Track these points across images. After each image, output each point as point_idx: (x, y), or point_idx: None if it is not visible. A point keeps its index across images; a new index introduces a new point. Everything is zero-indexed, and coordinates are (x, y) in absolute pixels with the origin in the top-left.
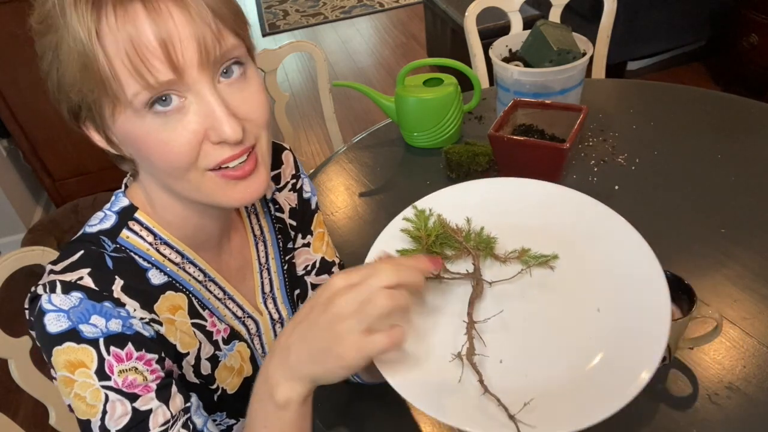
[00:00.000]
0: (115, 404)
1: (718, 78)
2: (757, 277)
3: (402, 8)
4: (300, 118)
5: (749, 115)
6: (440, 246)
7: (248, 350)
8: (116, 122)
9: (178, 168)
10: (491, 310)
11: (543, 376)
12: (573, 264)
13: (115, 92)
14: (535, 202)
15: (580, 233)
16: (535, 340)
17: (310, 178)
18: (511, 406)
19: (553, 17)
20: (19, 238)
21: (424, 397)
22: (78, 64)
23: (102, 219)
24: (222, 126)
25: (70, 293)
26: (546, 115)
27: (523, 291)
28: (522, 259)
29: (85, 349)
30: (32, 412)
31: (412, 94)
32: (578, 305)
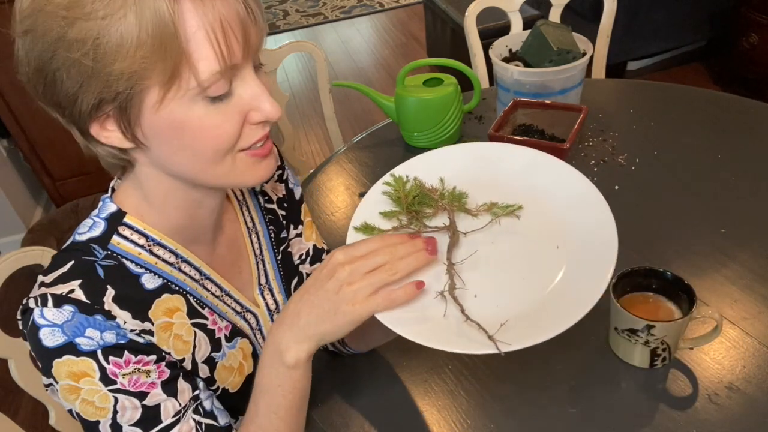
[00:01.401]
0: (125, 404)
1: (718, 78)
2: (757, 277)
3: (402, 8)
4: (300, 118)
5: (749, 115)
6: (418, 205)
7: (250, 346)
8: (160, 111)
9: (221, 150)
10: (466, 254)
11: (513, 303)
12: (535, 213)
13: (179, 75)
14: (501, 164)
15: (540, 187)
16: (504, 275)
17: (310, 178)
18: (488, 329)
19: (553, 17)
20: (19, 238)
21: (413, 329)
22: (148, 42)
23: (91, 226)
24: (266, 105)
25: (61, 307)
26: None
27: (493, 237)
28: (491, 211)
29: (84, 360)
30: (32, 412)
31: (412, 94)
32: (540, 245)
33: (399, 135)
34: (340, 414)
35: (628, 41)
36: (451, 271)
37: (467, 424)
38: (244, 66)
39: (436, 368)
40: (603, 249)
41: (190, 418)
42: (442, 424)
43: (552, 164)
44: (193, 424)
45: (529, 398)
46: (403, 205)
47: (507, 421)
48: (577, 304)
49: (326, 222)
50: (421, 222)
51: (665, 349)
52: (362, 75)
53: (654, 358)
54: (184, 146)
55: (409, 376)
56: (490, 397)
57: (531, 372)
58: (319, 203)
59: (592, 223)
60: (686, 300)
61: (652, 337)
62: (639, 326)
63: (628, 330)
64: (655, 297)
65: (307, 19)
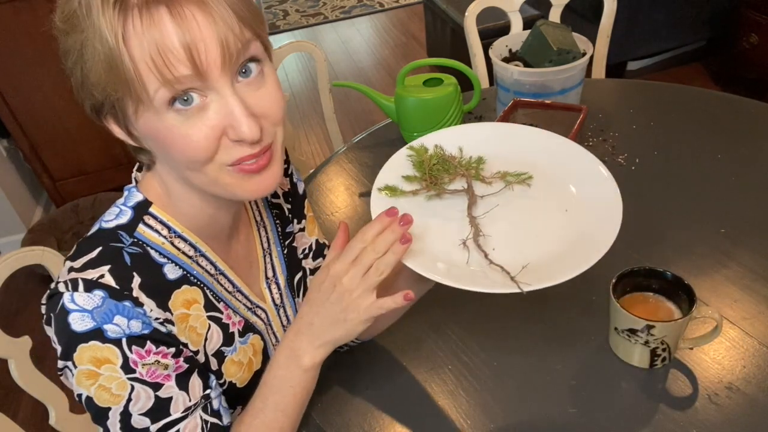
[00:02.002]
0: (140, 393)
1: (718, 78)
2: (757, 277)
3: (402, 8)
4: (300, 118)
5: (749, 115)
6: (438, 171)
7: (261, 342)
8: (138, 120)
9: (196, 161)
10: (483, 210)
11: (529, 253)
12: (545, 183)
13: (138, 93)
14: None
15: (550, 160)
16: (519, 231)
17: (310, 178)
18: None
19: (553, 17)
20: (19, 238)
21: (441, 274)
22: (103, 65)
23: (118, 214)
24: (241, 126)
25: (92, 291)
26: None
27: (507, 201)
28: (504, 179)
29: (109, 347)
30: (32, 412)
31: (412, 94)
32: (550, 208)
33: (399, 135)
34: (340, 414)
35: (628, 41)
36: (474, 223)
37: (467, 424)
38: (219, 80)
39: (436, 368)
40: (609, 210)
41: (198, 415)
42: (442, 424)
43: (563, 142)
44: (200, 422)
45: (529, 398)
46: (424, 170)
47: (507, 421)
48: (590, 252)
49: (326, 222)
50: (440, 186)
51: (665, 349)
52: (362, 75)
53: (654, 358)
54: (163, 152)
55: (409, 376)
56: (490, 397)
57: (531, 372)
58: (319, 203)
59: (597, 191)
60: (686, 300)
61: (652, 337)
62: (639, 326)
63: (628, 330)
64: (655, 297)
65: (307, 19)
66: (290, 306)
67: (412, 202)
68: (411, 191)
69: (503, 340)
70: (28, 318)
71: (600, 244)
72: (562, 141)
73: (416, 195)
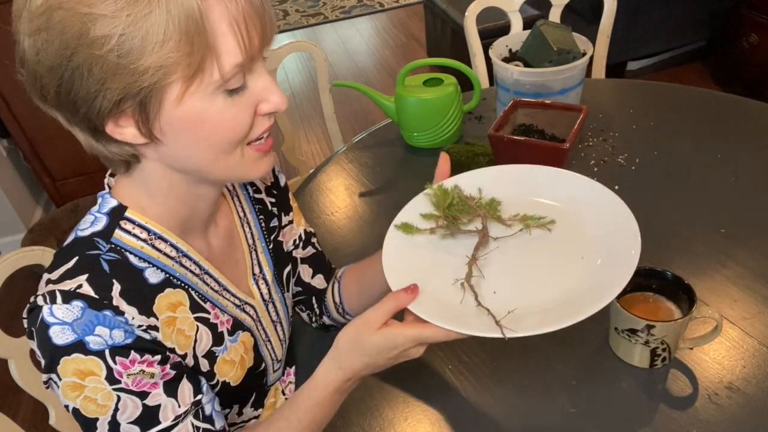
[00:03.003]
0: (127, 402)
1: (718, 78)
2: (757, 277)
3: (402, 8)
4: (300, 118)
5: (749, 115)
6: (455, 210)
7: (252, 339)
8: (182, 105)
9: (235, 142)
10: (494, 257)
11: (526, 299)
12: (567, 228)
13: (203, 68)
14: (537, 182)
15: (575, 205)
16: (525, 278)
17: (310, 178)
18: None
19: (553, 17)
20: (19, 238)
21: (430, 312)
22: (178, 37)
23: (93, 222)
24: (276, 96)
25: (71, 302)
26: (546, 115)
27: (523, 244)
28: (524, 222)
29: (92, 359)
30: (32, 412)
31: (412, 94)
32: (565, 255)
33: (399, 135)
34: (340, 414)
35: (628, 41)
36: (471, 263)
37: (467, 424)
38: (257, 58)
39: (436, 368)
40: (623, 264)
41: (189, 422)
42: (442, 424)
43: (589, 185)
44: (191, 428)
45: (529, 398)
46: (441, 210)
47: (507, 421)
48: (584, 306)
49: (326, 222)
50: (457, 226)
51: (665, 349)
52: (362, 75)
53: (654, 358)
54: (200, 139)
55: (409, 376)
56: (490, 397)
57: (531, 372)
58: (319, 203)
59: (619, 240)
60: (686, 300)
61: (652, 337)
62: (639, 326)
63: (628, 330)
64: (655, 297)
65: (307, 19)
66: (279, 300)
67: (427, 240)
68: (427, 229)
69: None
70: None
71: (594, 302)
72: (590, 184)
73: (433, 234)
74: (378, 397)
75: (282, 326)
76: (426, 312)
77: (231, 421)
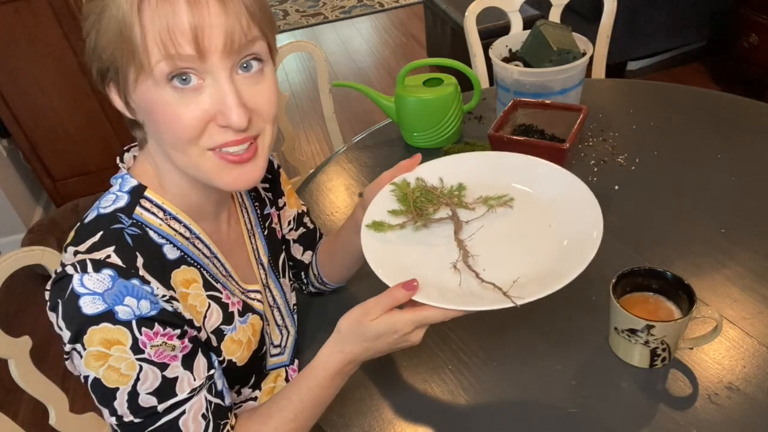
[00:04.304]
0: (148, 373)
1: (718, 78)
2: (757, 277)
3: (402, 8)
4: (300, 118)
5: (749, 115)
6: (422, 202)
7: (261, 322)
8: (137, 89)
9: (181, 140)
10: (475, 239)
11: (519, 268)
12: (527, 203)
13: (141, 61)
14: (493, 166)
15: (530, 182)
16: (506, 251)
17: (310, 178)
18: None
19: (553, 17)
20: (19, 238)
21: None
22: (115, 30)
23: (115, 200)
24: (230, 112)
25: (101, 271)
26: (546, 115)
27: (491, 223)
28: (486, 203)
29: (120, 329)
30: (32, 412)
31: (412, 94)
32: (534, 226)
33: (399, 135)
34: (340, 414)
35: (628, 41)
36: (462, 245)
37: (467, 424)
38: (218, 66)
39: (436, 368)
40: (591, 221)
41: (203, 396)
42: (442, 424)
43: (539, 163)
44: (204, 403)
45: (529, 398)
46: (409, 203)
47: (507, 421)
48: (577, 259)
49: (326, 222)
50: (426, 216)
51: (665, 349)
52: (362, 75)
53: (654, 358)
54: (153, 126)
55: (409, 376)
56: (490, 397)
57: (531, 372)
58: (319, 203)
59: (578, 204)
60: (686, 300)
61: (652, 337)
62: (639, 326)
63: (628, 330)
64: (655, 297)
65: (307, 19)
66: (275, 287)
67: (401, 234)
68: (398, 225)
69: (503, 340)
70: (28, 318)
71: (586, 250)
72: (535, 161)
73: (404, 228)
74: (378, 397)
75: (280, 312)
76: (429, 298)
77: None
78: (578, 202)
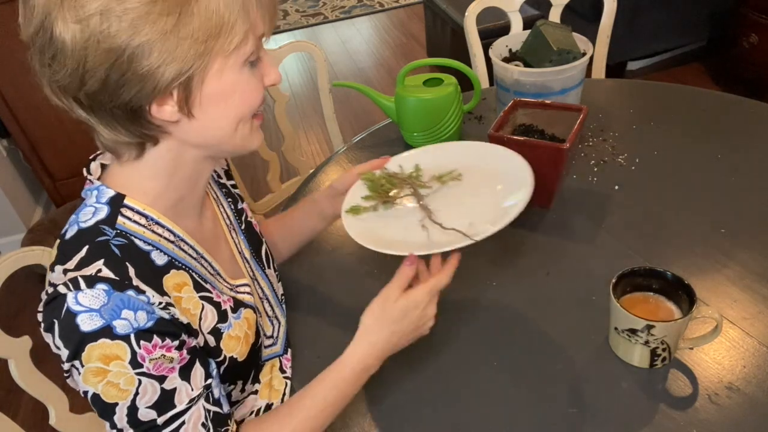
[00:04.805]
0: (147, 387)
1: (718, 78)
2: (757, 277)
3: (402, 8)
4: (300, 118)
5: (749, 115)
6: (387, 187)
7: (254, 315)
8: (222, 77)
9: (253, 110)
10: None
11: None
12: (475, 175)
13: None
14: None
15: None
16: (460, 207)
17: (310, 178)
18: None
19: (553, 17)
20: (19, 238)
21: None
22: (236, 7)
23: (94, 212)
24: (276, 70)
25: (94, 287)
26: (546, 115)
27: (444, 192)
28: (440, 180)
29: (118, 344)
30: (32, 412)
31: (412, 94)
32: (482, 188)
33: (399, 135)
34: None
35: (628, 41)
36: (426, 208)
37: (468, 424)
38: (268, 34)
39: (436, 368)
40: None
41: (201, 405)
42: (442, 424)
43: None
44: (203, 412)
45: (529, 398)
46: (377, 188)
47: (507, 421)
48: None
49: None
50: (393, 197)
51: (665, 349)
52: (362, 75)
53: (654, 358)
54: (230, 110)
55: (409, 376)
56: (490, 397)
57: (531, 372)
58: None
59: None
60: (686, 300)
61: (652, 337)
62: (639, 326)
63: (628, 330)
64: (655, 297)
65: (307, 19)
66: (262, 278)
67: (374, 214)
68: (371, 206)
69: (503, 340)
70: (28, 318)
71: (522, 189)
72: (478, 144)
73: (376, 209)
74: (378, 397)
75: (269, 302)
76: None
77: (235, 399)
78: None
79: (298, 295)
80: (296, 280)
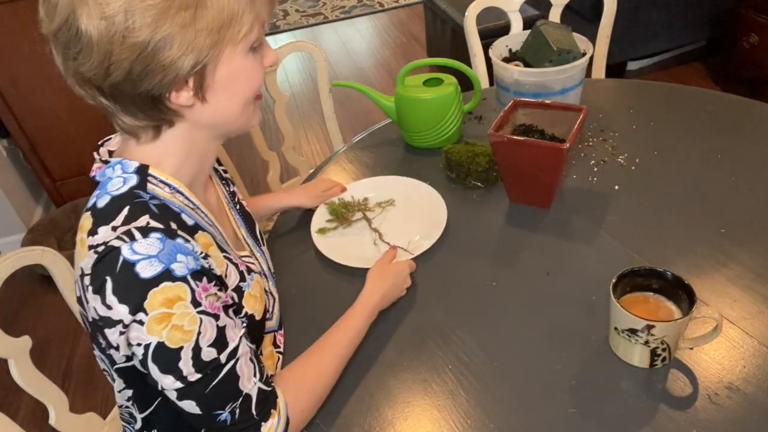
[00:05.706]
0: (207, 325)
1: (718, 78)
2: (757, 277)
3: (402, 8)
4: (300, 118)
5: (749, 115)
6: (344, 213)
7: (262, 279)
8: (231, 64)
9: (255, 93)
10: (376, 224)
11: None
12: (405, 203)
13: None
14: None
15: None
16: (401, 228)
17: (310, 178)
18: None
19: (553, 17)
20: (19, 238)
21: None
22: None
23: (125, 181)
24: (274, 53)
25: (149, 235)
26: (546, 115)
27: (385, 216)
28: (380, 206)
29: (179, 285)
30: (32, 412)
31: (412, 94)
32: (413, 214)
33: (399, 135)
34: (339, 414)
35: (628, 41)
36: (377, 230)
37: (467, 424)
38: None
39: (436, 368)
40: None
41: (245, 342)
42: (442, 424)
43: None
44: (249, 347)
45: (529, 398)
46: (337, 213)
47: (507, 421)
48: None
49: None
50: (349, 220)
51: (665, 349)
52: (362, 75)
53: (654, 358)
54: (237, 93)
55: (409, 376)
56: (490, 397)
57: (531, 372)
58: None
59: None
60: (686, 300)
61: (652, 337)
62: (639, 326)
63: (628, 330)
64: (655, 297)
65: (307, 19)
66: (259, 254)
67: (337, 233)
68: (333, 228)
69: (503, 340)
70: (28, 318)
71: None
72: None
73: (337, 229)
74: (378, 397)
75: (266, 278)
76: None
77: None
78: (427, 194)
79: (285, 273)
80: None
